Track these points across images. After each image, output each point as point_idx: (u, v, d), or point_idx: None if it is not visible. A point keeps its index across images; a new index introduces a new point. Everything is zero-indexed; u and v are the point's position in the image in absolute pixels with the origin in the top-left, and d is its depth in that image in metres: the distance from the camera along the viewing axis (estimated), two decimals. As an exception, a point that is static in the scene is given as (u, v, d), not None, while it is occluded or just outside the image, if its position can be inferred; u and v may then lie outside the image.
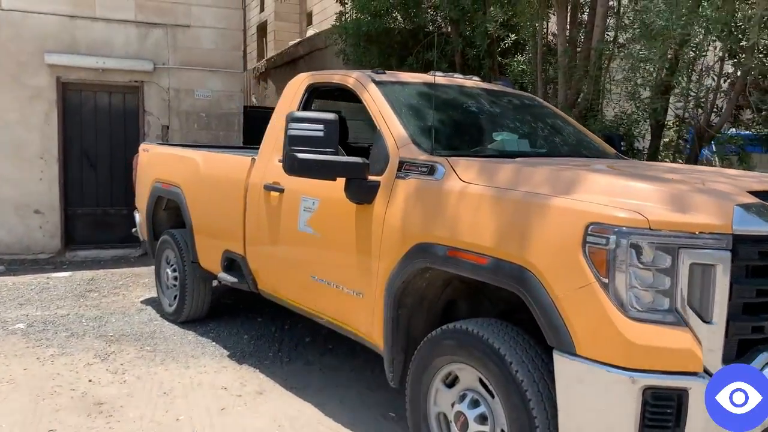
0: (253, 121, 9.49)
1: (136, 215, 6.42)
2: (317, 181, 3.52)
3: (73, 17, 8.20)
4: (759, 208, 2.35)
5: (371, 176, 3.36)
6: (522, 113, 4.32)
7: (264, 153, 4.41)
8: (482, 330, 2.77)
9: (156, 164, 5.91)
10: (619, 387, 2.25)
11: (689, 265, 2.26)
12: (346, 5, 9.81)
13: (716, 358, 2.27)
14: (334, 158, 3.31)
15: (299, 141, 3.30)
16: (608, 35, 6.60)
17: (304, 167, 3.30)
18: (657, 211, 2.31)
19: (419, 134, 3.46)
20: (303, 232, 3.85)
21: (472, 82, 4.40)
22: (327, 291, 3.71)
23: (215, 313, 5.76)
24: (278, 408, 3.93)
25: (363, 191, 3.35)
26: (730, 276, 2.26)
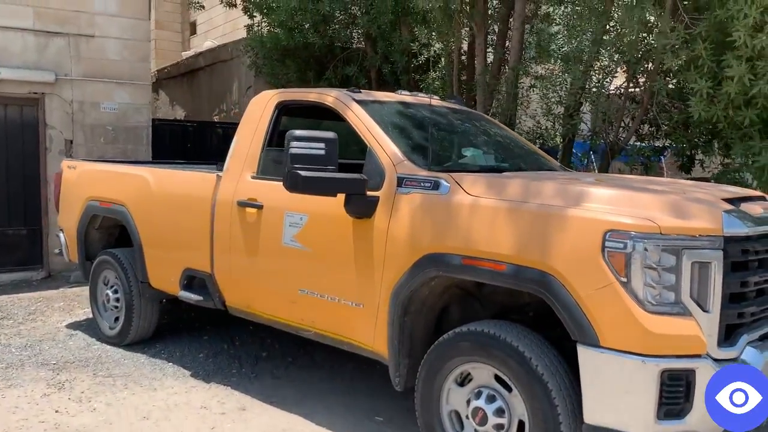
0: (162, 135, 9.23)
1: (61, 235, 6.09)
2: (304, 197, 3.66)
3: (-37, 24, 7.59)
4: (739, 214, 2.82)
5: (369, 192, 3.54)
6: (479, 130, 4.66)
7: (232, 170, 4.42)
8: (499, 331, 3.03)
9: (89, 182, 5.66)
10: (642, 371, 2.61)
11: (690, 264, 2.66)
12: (255, 18, 9.82)
13: (713, 342, 2.68)
14: (336, 175, 3.45)
15: (301, 159, 3.40)
16: (525, 55, 7.17)
17: (308, 184, 3.41)
18: (664, 218, 2.70)
19: (411, 151, 3.68)
20: (289, 247, 3.93)
21: (436, 101, 4.68)
22: (318, 303, 3.82)
23: (157, 334, 5.59)
24: (267, 422, 3.97)
25: (363, 206, 3.51)
26: (721, 271, 2.69)
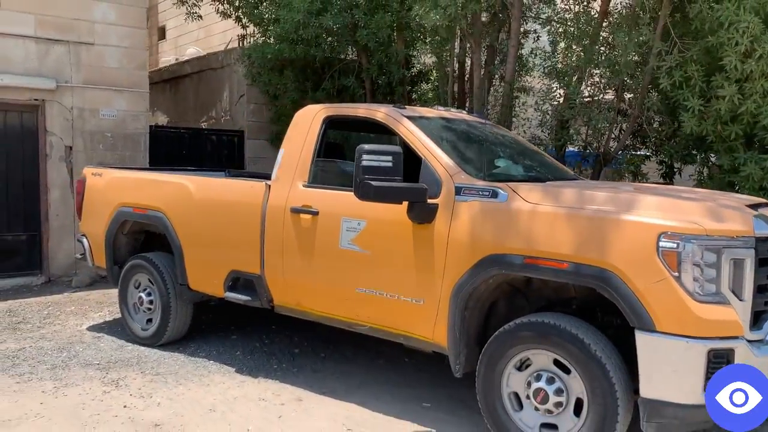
0: (158, 141, 9.39)
1: (84, 241, 6.25)
2: (361, 204, 4.06)
3: (-35, 30, 7.62)
4: (765, 218, 3.35)
5: (428, 199, 3.94)
6: (504, 142, 5.12)
7: (283, 178, 4.74)
8: (559, 321, 3.49)
9: (120, 189, 5.86)
10: (693, 351, 3.09)
11: (729, 260, 3.17)
12: (248, 29, 10.08)
13: (746, 326, 3.20)
14: (403, 185, 3.85)
15: (372, 171, 3.80)
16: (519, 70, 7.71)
17: (379, 193, 3.80)
18: (707, 222, 3.21)
19: (463, 162, 4.11)
20: (346, 250, 4.29)
21: (469, 117, 5.12)
22: (376, 300, 4.19)
23: (186, 335, 5.83)
24: (328, 411, 4.31)
25: (425, 212, 3.92)
26: (754, 266, 3.21)
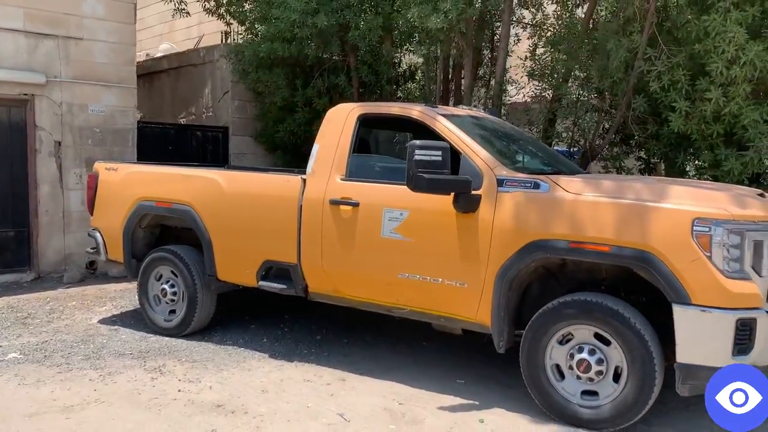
0: (145, 137, 9.40)
1: (97, 235, 6.32)
2: (403, 195, 4.43)
3: (-47, 23, 7.49)
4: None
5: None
6: (519, 138, 5.53)
7: (319, 172, 5.00)
8: (600, 299, 3.92)
9: (140, 183, 5.97)
10: (724, 321, 3.57)
11: (752, 242, 3.67)
12: (231, 25, 10.19)
13: (764, 298, 3.70)
14: (452, 177, 4.20)
15: (423, 164, 4.13)
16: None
17: (431, 185, 4.15)
18: (733, 209, 3.69)
19: (501, 156, 4.49)
20: (389, 238, 4.61)
21: (481, 113, 5.51)
22: (419, 285, 4.52)
23: (207, 326, 6.01)
24: (373, 388, 4.62)
25: (470, 202, 4.28)
26: (769, 247, 3.73)
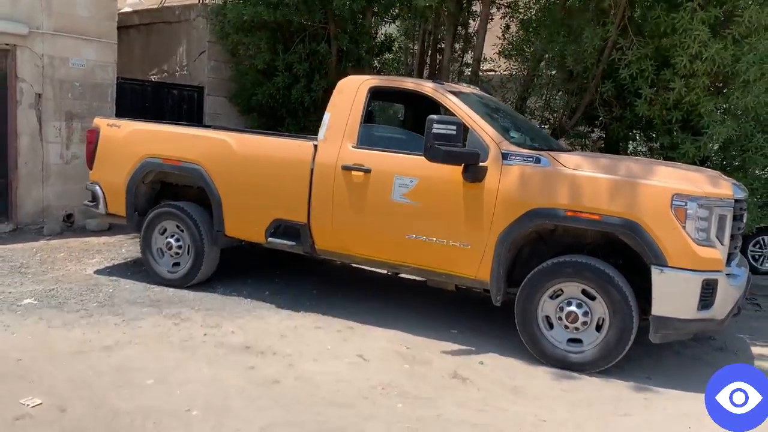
0: (123, 93, 9.45)
1: (97, 188, 6.53)
2: (413, 164, 5.01)
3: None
4: (737, 184, 4.59)
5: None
6: (509, 114, 6.09)
7: (331, 140, 5.41)
8: (589, 260, 4.58)
9: (147, 140, 6.21)
10: (693, 280, 4.28)
11: (717, 216, 4.37)
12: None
13: (724, 263, 4.43)
14: (464, 150, 4.73)
15: (440, 137, 4.64)
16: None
17: (448, 156, 4.67)
18: (706, 187, 4.38)
19: (504, 132, 5.04)
20: (398, 202, 5.10)
21: (485, 93, 6.03)
22: (425, 245, 5.05)
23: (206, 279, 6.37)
24: (380, 335, 5.15)
25: (478, 173, 4.82)
26: (731, 221, 4.45)
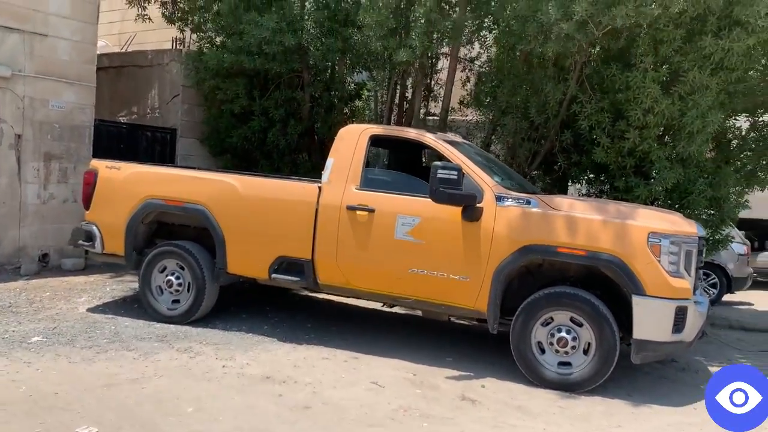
0: (100, 135, 9.60)
1: (94, 228, 6.70)
2: (414, 204, 5.53)
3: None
4: (700, 223, 5.32)
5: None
6: (494, 161, 6.71)
7: (335, 182, 5.87)
8: (576, 291, 5.18)
9: (148, 182, 6.47)
10: (668, 307, 4.94)
11: (684, 251, 5.07)
12: (184, 32, 10.61)
13: (692, 292, 5.11)
14: (464, 192, 5.28)
15: (443, 181, 5.19)
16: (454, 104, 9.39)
17: (451, 199, 5.21)
18: (674, 226, 5.09)
19: (494, 176, 5.63)
20: (402, 240, 5.58)
21: (469, 142, 6.64)
22: (427, 279, 5.53)
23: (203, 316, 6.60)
24: (384, 364, 5.53)
25: (475, 213, 5.37)
26: (696, 255, 5.16)
